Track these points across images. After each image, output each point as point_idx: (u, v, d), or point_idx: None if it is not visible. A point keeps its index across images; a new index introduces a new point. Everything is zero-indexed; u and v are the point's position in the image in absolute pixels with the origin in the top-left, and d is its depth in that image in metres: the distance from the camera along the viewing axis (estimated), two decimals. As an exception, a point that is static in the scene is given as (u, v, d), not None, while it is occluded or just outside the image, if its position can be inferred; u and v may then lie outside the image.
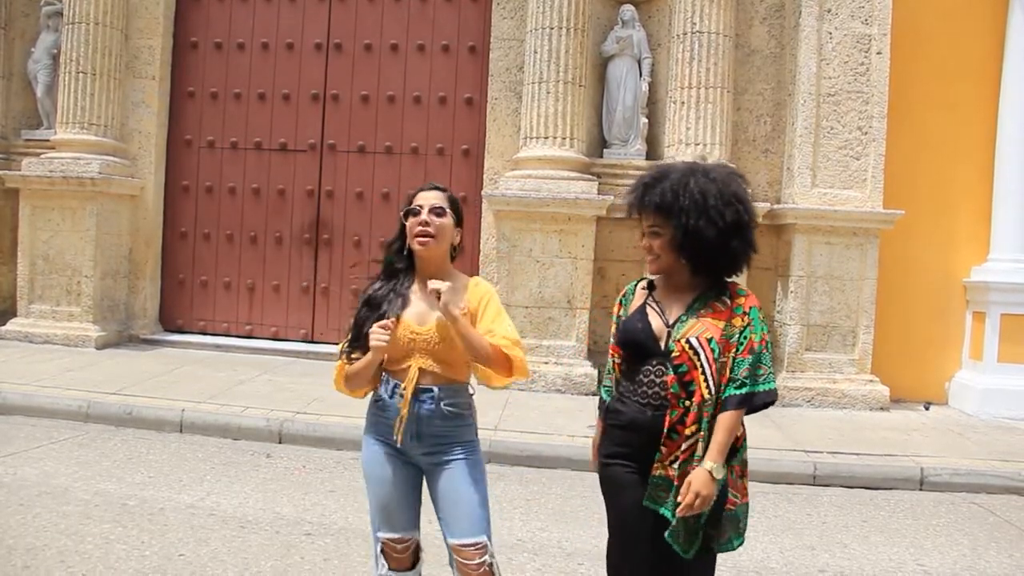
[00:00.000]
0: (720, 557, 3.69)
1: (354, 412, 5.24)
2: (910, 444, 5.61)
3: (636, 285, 2.33)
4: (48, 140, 7.69)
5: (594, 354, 6.73)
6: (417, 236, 2.27)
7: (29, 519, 3.65)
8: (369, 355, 2.22)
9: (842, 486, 4.90)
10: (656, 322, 2.16)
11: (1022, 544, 4.08)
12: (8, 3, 8.03)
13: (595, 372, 6.58)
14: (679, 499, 2.03)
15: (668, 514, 2.08)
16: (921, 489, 4.92)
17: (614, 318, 2.31)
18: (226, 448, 5.05)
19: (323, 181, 7.89)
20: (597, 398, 2.35)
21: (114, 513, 3.79)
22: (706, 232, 2.07)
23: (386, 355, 2.26)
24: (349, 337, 2.33)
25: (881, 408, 6.62)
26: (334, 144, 7.87)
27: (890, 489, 4.89)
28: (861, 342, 6.72)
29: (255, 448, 5.08)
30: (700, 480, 2.01)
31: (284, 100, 7.92)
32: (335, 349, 2.43)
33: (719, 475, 2.04)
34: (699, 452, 2.05)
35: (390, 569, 2.34)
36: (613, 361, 2.29)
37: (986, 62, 7.14)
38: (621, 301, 2.32)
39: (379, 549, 2.35)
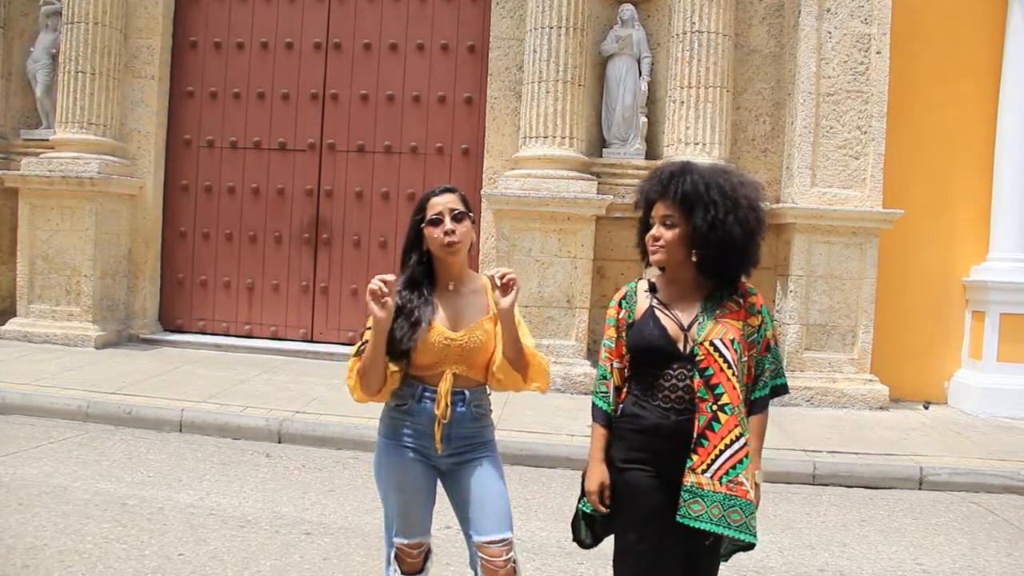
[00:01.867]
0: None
1: (353, 412, 5.26)
2: (909, 443, 5.61)
3: (636, 287, 2.25)
4: (47, 140, 7.68)
5: (593, 353, 6.73)
6: (446, 246, 2.26)
7: (28, 518, 3.65)
8: (378, 323, 2.14)
9: (841, 485, 4.91)
10: (671, 325, 2.12)
11: (1021, 543, 4.08)
12: (7, 2, 8.02)
13: (595, 371, 6.57)
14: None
15: (729, 531, 2.01)
16: (920, 488, 4.92)
17: (611, 320, 2.24)
18: (225, 447, 5.05)
19: (322, 180, 7.89)
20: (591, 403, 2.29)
21: (113, 512, 3.79)
22: (733, 231, 2.05)
23: (416, 360, 2.25)
24: (361, 343, 2.27)
25: (880, 407, 6.62)
26: (333, 143, 7.87)
27: (889, 488, 4.89)
28: (860, 341, 6.72)
29: (254, 447, 5.08)
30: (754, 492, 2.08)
31: (283, 99, 7.92)
32: (334, 349, 2.42)
33: (761, 480, 2.12)
34: (749, 457, 2.04)
35: (403, 572, 2.34)
36: (612, 366, 2.23)
37: (986, 61, 7.14)
38: (621, 303, 2.23)
39: (393, 554, 2.34)
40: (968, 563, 3.77)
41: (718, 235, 2.06)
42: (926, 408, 6.93)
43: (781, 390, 2.18)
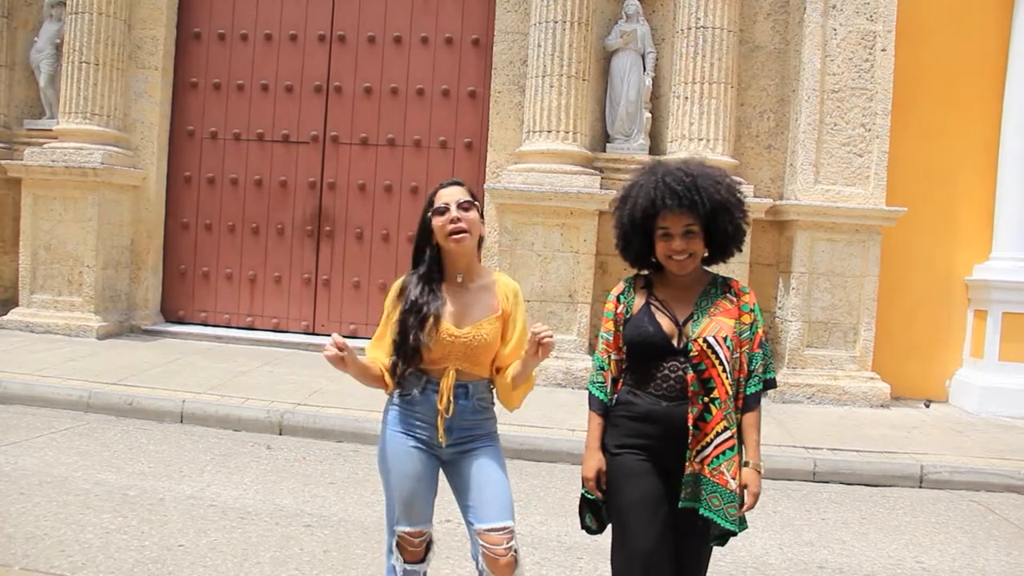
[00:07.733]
0: (719, 553, 3.68)
1: (354, 404, 5.27)
2: (910, 441, 5.61)
3: (633, 282, 2.31)
4: (51, 130, 7.68)
5: (595, 348, 6.73)
6: (452, 233, 2.28)
7: (29, 508, 3.66)
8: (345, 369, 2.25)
9: (842, 483, 4.91)
10: (666, 322, 2.18)
11: (1020, 542, 4.09)
12: (11, -8, 8.02)
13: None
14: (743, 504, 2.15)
15: (709, 514, 2.11)
16: (921, 487, 4.92)
17: (610, 314, 2.29)
18: (226, 439, 5.06)
19: (325, 173, 7.89)
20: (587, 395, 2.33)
21: (114, 503, 3.80)
22: (736, 214, 2.19)
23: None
24: (395, 345, 2.29)
25: (882, 405, 6.61)
26: (337, 136, 7.86)
27: (890, 486, 4.90)
28: (862, 339, 6.72)
29: (255, 439, 5.09)
30: (755, 481, 2.16)
31: (287, 91, 7.91)
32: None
33: (762, 470, 2.20)
34: (733, 449, 2.12)
35: (405, 562, 2.35)
36: (609, 358, 2.29)
37: (991, 59, 7.12)
38: (619, 298, 2.29)
39: (395, 543, 2.35)
40: (968, 561, 3.78)
41: (740, 234, 2.22)
42: (927, 407, 6.93)
43: (771, 384, 2.25)
